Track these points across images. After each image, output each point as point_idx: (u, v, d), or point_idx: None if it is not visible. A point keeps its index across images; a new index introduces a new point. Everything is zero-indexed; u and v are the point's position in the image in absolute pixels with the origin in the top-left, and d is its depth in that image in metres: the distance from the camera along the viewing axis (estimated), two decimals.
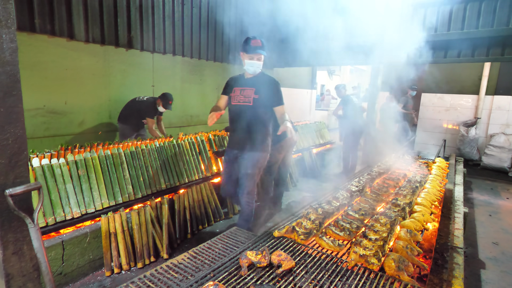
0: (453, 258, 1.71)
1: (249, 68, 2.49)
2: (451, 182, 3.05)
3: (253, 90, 2.52)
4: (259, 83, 2.54)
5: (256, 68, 2.49)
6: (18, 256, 1.61)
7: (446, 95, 7.19)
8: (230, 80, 2.64)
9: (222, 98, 2.61)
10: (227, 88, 2.62)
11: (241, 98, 2.52)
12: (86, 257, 2.28)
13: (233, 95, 2.55)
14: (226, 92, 2.62)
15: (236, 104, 2.54)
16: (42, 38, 2.71)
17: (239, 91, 2.54)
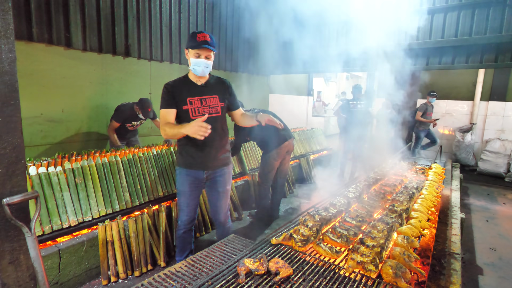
0: (450, 264, 1.72)
1: (195, 68, 2.08)
2: (448, 188, 3.07)
3: (217, 97, 2.19)
4: (219, 88, 2.23)
5: (205, 68, 2.08)
6: (14, 266, 1.60)
7: (442, 101, 7.27)
8: (171, 87, 2.11)
9: (169, 113, 2.08)
10: (173, 99, 2.09)
11: (206, 109, 2.14)
12: (82, 266, 2.27)
13: (192, 107, 2.10)
14: (172, 104, 2.09)
15: (197, 117, 2.09)
16: (40, 47, 2.73)
17: (199, 101, 2.13)
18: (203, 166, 2.21)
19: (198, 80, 2.17)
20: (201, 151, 2.17)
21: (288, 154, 3.64)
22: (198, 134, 1.83)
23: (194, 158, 2.18)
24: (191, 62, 2.08)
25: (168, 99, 2.11)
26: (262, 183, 3.56)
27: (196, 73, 2.11)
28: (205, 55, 2.06)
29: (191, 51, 2.06)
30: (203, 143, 2.14)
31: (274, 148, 3.42)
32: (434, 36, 4.88)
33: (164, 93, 2.12)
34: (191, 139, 2.09)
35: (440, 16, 4.80)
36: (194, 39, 2.02)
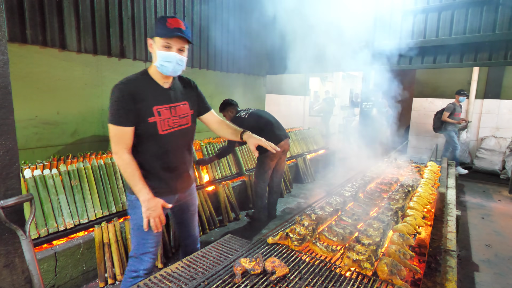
0: (446, 261, 1.73)
1: (164, 65, 1.55)
2: (444, 186, 3.09)
3: (187, 104, 1.74)
4: (187, 91, 1.78)
5: (177, 65, 1.56)
6: (9, 269, 1.59)
7: (437, 99, 7.32)
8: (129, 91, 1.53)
9: (125, 133, 1.53)
10: (132, 110, 1.53)
11: (176, 121, 1.67)
12: (79, 269, 2.26)
13: (160, 120, 1.60)
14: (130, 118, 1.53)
15: (168, 131, 1.64)
16: (34, 49, 2.71)
17: (167, 110, 1.63)
18: (175, 190, 1.75)
19: (164, 81, 1.65)
20: (171, 172, 1.71)
21: (284, 154, 3.63)
22: (150, 218, 1.55)
23: (165, 182, 1.70)
24: (157, 56, 1.54)
25: (124, 110, 1.50)
26: (258, 183, 3.55)
27: (165, 72, 1.58)
28: (178, 47, 1.55)
29: (159, 40, 1.53)
30: (174, 163, 1.72)
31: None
32: (428, 35, 4.91)
33: (118, 99, 1.50)
34: (159, 159, 1.66)
35: (434, 15, 4.83)
36: (164, 25, 1.50)
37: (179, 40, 1.54)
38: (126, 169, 1.54)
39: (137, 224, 1.68)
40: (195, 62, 4.56)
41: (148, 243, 1.71)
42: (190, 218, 1.98)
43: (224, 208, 3.60)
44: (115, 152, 1.55)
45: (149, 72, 1.64)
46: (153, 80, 1.63)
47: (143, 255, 1.72)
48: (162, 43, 1.53)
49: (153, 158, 1.65)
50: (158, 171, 1.68)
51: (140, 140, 1.61)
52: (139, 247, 1.71)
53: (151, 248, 1.72)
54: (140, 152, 1.63)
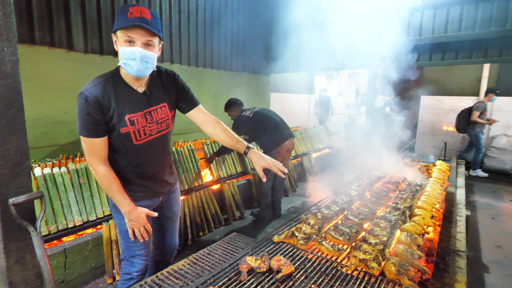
0: (455, 262, 1.71)
1: (127, 64, 1.32)
2: (453, 185, 3.05)
3: (166, 106, 1.55)
4: (167, 89, 1.56)
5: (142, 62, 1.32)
6: (21, 264, 1.63)
7: (445, 97, 7.21)
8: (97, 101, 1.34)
9: (97, 144, 1.40)
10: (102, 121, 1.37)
11: (153, 127, 1.50)
12: (87, 265, 2.29)
13: (134, 129, 1.44)
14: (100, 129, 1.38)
15: (144, 140, 1.49)
16: (42, 49, 2.76)
17: (142, 118, 1.46)
18: (158, 192, 1.67)
19: (137, 84, 1.44)
20: (149, 179, 1.60)
21: (288, 153, 3.63)
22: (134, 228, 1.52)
23: (146, 186, 1.60)
24: (120, 53, 1.33)
25: (92, 120, 1.34)
26: (262, 181, 3.55)
27: (130, 72, 1.35)
28: (143, 41, 1.30)
29: (120, 34, 1.30)
30: (153, 171, 1.60)
31: (274, 147, 3.40)
32: (437, 31, 4.83)
33: (84, 109, 1.33)
34: (135, 168, 1.54)
35: (443, 11, 4.75)
36: (124, 15, 1.26)
37: (142, 32, 1.28)
38: (102, 181, 1.45)
39: (122, 229, 1.61)
40: (199, 61, 4.57)
41: (135, 246, 1.64)
42: (173, 219, 1.84)
43: (229, 207, 3.61)
44: (89, 163, 1.44)
45: (121, 73, 1.43)
46: (124, 82, 1.42)
47: (133, 258, 1.66)
48: (123, 37, 1.29)
49: (129, 167, 1.53)
50: (136, 179, 1.57)
51: (113, 149, 1.48)
52: (127, 251, 1.65)
53: (139, 251, 1.65)
54: (116, 160, 1.51)
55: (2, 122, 1.51)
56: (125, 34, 1.28)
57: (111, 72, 1.44)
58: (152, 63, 1.37)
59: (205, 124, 1.66)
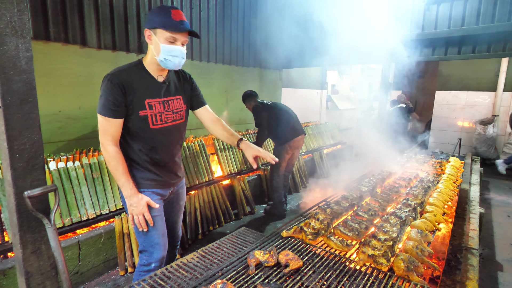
0: (467, 259, 1.68)
1: (169, 60, 1.51)
2: (467, 182, 2.98)
3: (181, 99, 1.70)
4: (182, 85, 1.73)
5: (181, 59, 1.54)
6: (36, 255, 1.68)
7: (461, 92, 7.01)
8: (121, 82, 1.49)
9: (114, 125, 1.51)
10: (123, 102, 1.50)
11: (169, 116, 1.63)
12: (101, 257, 2.35)
13: (152, 113, 1.56)
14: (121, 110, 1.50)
15: (160, 126, 1.60)
16: (57, 46, 2.82)
17: (160, 104, 1.59)
18: (169, 183, 1.74)
19: (158, 74, 1.60)
20: (162, 167, 1.68)
21: (297, 150, 3.65)
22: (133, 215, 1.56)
23: (159, 175, 1.68)
24: (161, 49, 1.48)
25: (114, 101, 1.47)
26: (273, 176, 3.57)
27: (169, 66, 1.54)
28: (183, 40, 1.52)
29: (163, 33, 1.46)
30: (165, 159, 1.68)
31: (287, 141, 3.44)
32: (453, 24, 4.69)
33: (108, 89, 1.47)
34: (148, 153, 1.62)
35: (459, 3, 4.60)
36: (168, 16, 1.44)
37: (185, 34, 1.52)
38: (110, 161, 1.52)
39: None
40: (211, 57, 4.58)
41: (153, 234, 1.68)
42: (177, 214, 1.91)
43: (239, 202, 3.63)
44: (101, 143, 1.53)
45: (144, 64, 1.59)
46: (147, 72, 1.58)
47: (152, 247, 1.70)
48: (167, 36, 1.46)
49: (142, 152, 1.61)
50: (149, 166, 1.64)
51: (130, 133, 1.58)
52: (147, 240, 1.69)
53: (158, 239, 1.70)
54: (130, 144, 1.61)
55: (18, 117, 1.56)
56: (171, 35, 1.46)
57: (135, 63, 1.60)
58: (185, 58, 1.58)
59: (208, 121, 1.84)
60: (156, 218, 1.68)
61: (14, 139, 1.56)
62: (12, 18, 1.52)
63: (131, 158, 1.61)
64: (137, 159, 1.62)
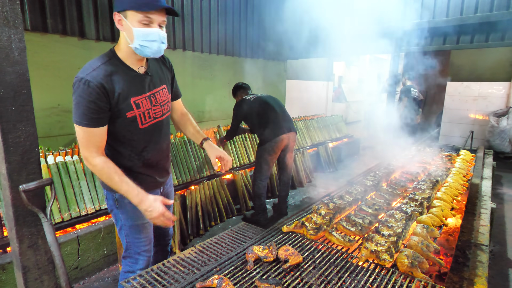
0: (476, 256, 1.60)
1: (145, 46, 1.27)
2: (478, 176, 2.87)
3: (165, 88, 1.52)
4: (163, 71, 1.54)
5: (161, 44, 1.30)
6: (33, 249, 1.67)
7: (474, 83, 6.78)
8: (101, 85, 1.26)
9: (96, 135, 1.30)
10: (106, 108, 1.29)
11: (158, 110, 1.46)
12: (100, 252, 2.34)
13: (140, 113, 1.39)
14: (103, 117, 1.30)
15: (150, 123, 1.45)
16: (55, 38, 2.78)
17: (147, 100, 1.41)
18: (159, 183, 1.61)
19: (138, 66, 1.39)
20: (153, 167, 1.55)
21: (289, 150, 3.23)
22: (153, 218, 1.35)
23: (151, 176, 1.55)
24: (134, 35, 1.24)
25: (97, 107, 1.26)
26: (256, 180, 3.16)
27: (146, 53, 1.30)
28: (159, 21, 1.27)
29: (134, 14, 1.22)
30: (156, 158, 1.55)
31: (268, 140, 3.02)
32: (466, 11, 4.50)
33: (87, 95, 1.24)
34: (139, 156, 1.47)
35: None
36: None
37: (161, 12, 1.25)
38: (101, 175, 1.34)
39: (127, 223, 1.54)
40: (212, 48, 4.51)
41: (141, 241, 1.58)
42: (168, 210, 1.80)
43: (242, 197, 3.59)
44: (84, 157, 1.33)
45: (119, 55, 1.35)
46: (125, 65, 1.35)
47: (138, 255, 1.59)
48: (139, 18, 1.22)
49: (133, 156, 1.46)
50: (140, 168, 1.49)
51: (116, 138, 1.40)
52: (133, 247, 1.58)
53: (145, 246, 1.59)
54: (117, 151, 1.43)
55: (12, 110, 1.53)
56: (144, 15, 1.22)
57: (107, 55, 1.35)
58: (166, 42, 1.34)
59: (178, 113, 1.72)
60: (146, 225, 1.58)
61: (8, 132, 1.53)
62: (3, 8, 1.48)
63: (120, 164, 1.40)
64: (127, 165, 1.46)
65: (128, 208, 1.51)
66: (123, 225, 1.56)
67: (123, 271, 1.64)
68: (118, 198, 1.50)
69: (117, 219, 1.57)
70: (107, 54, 1.36)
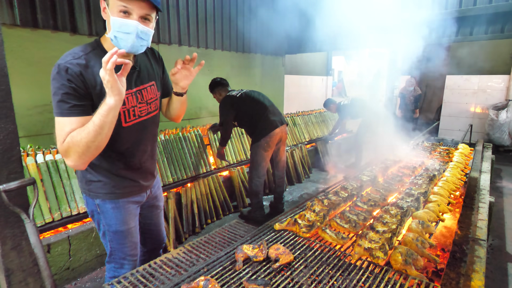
0: (474, 251, 1.55)
1: (119, 38, 1.15)
2: (477, 170, 2.81)
3: (154, 85, 1.42)
4: (153, 66, 1.45)
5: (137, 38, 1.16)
6: (17, 251, 1.63)
7: (473, 76, 6.71)
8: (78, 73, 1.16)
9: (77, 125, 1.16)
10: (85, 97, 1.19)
11: (144, 108, 1.38)
12: (93, 252, 2.30)
13: (123, 109, 1.29)
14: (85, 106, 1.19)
15: (134, 122, 1.35)
16: (45, 33, 2.72)
17: (132, 96, 1.32)
18: (144, 187, 1.51)
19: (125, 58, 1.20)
20: (137, 170, 1.45)
21: (282, 143, 3.19)
22: (108, 73, 1.04)
23: (134, 180, 1.45)
24: (111, 23, 1.14)
25: (76, 93, 1.16)
26: (253, 178, 3.08)
27: (121, 47, 1.14)
28: (141, 14, 1.15)
29: (114, 2, 1.13)
30: (140, 159, 1.44)
31: (263, 136, 2.95)
32: (464, 3, 4.42)
33: (65, 80, 1.15)
34: (121, 157, 1.38)
35: None
36: None
37: (142, 4, 1.13)
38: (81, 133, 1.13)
39: (110, 229, 1.47)
40: (209, 43, 4.44)
41: (126, 246, 1.51)
42: (158, 216, 1.73)
43: (238, 194, 3.54)
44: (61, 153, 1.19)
45: (104, 46, 1.26)
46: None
47: (123, 260, 1.53)
48: (117, 5, 1.12)
49: (114, 156, 1.36)
50: (122, 171, 1.40)
51: None
52: (117, 252, 1.51)
53: (130, 251, 1.53)
54: None
55: None
56: (122, 4, 1.11)
57: (91, 45, 1.26)
58: (148, 40, 1.22)
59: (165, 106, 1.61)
60: (131, 230, 1.51)
61: None
62: None
63: (100, 167, 1.36)
64: (108, 167, 1.37)
65: (111, 214, 1.44)
66: (106, 231, 1.49)
67: (107, 276, 1.58)
68: (99, 203, 1.43)
69: (99, 224, 1.50)
70: (91, 44, 1.27)
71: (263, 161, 3.02)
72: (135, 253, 1.58)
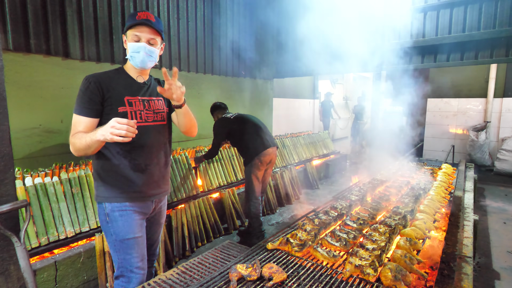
0: (461, 268, 1.60)
1: (133, 56, 1.52)
2: (460, 189, 2.92)
3: (162, 100, 1.69)
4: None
5: (146, 55, 1.52)
6: (4, 276, 1.58)
7: (453, 99, 7.05)
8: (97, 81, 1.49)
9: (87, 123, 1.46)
10: (99, 100, 1.47)
11: (150, 115, 1.59)
12: (80, 278, 2.23)
13: (132, 110, 1.53)
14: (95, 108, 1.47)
15: (139, 124, 1.53)
16: (38, 58, 2.76)
17: (140, 102, 1.57)
18: (149, 195, 1.61)
19: (138, 75, 1.61)
20: (142, 172, 1.58)
21: (270, 166, 3.20)
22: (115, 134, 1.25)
23: (136, 184, 1.56)
24: (128, 48, 1.54)
25: (90, 99, 1.45)
26: (251, 200, 3.06)
27: (134, 63, 1.54)
28: (147, 38, 1.52)
29: (129, 33, 1.52)
30: (145, 162, 1.58)
31: (256, 154, 2.99)
32: (440, 32, 4.75)
33: (85, 88, 1.46)
34: (127, 154, 1.54)
35: (446, 11, 4.68)
36: (133, 18, 1.49)
37: (148, 30, 1.52)
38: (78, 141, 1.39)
39: (118, 238, 1.55)
40: (199, 67, 4.57)
41: (133, 257, 1.58)
42: (157, 232, 1.81)
43: (229, 216, 3.53)
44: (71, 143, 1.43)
45: (125, 68, 1.64)
46: (127, 74, 1.61)
47: (131, 273, 1.59)
48: (131, 35, 1.52)
49: (120, 154, 1.53)
50: (129, 171, 1.54)
51: None
52: (125, 264, 1.58)
53: (138, 263, 1.59)
54: (106, 147, 1.51)
55: None
56: (133, 32, 1.51)
57: (116, 68, 1.64)
58: (154, 56, 1.57)
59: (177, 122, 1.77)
60: (138, 240, 1.59)
61: None
62: None
63: (109, 163, 1.54)
64: (115, 162, 1.54)
65: (119, 222, 1.55)
66: (114, 240, 1.57)
67: None
68: (108, 212, 1.55)
69: (108, 234, 1.59)
70: (117, 68, 1.65)
71: (257, 180, 3.06)
72: (142, 266, 1.63)
